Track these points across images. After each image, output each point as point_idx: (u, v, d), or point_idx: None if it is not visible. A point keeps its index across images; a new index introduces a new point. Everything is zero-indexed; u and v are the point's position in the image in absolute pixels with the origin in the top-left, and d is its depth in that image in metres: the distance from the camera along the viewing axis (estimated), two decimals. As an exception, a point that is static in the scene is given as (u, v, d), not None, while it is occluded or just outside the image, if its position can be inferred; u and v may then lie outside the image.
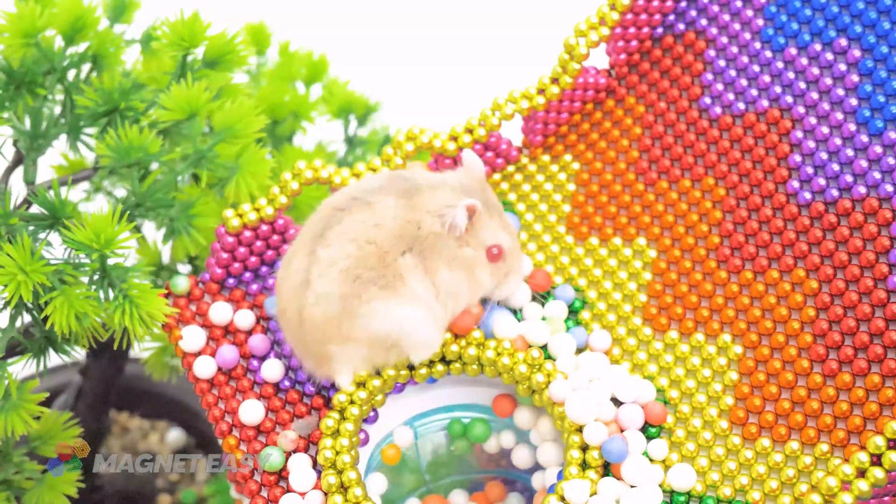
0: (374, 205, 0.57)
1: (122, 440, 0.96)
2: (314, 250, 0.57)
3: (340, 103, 0.86)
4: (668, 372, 0.59)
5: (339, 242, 0.56)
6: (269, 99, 0.82)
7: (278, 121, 0.83)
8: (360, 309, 0.56)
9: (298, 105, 0.84)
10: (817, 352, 0.56)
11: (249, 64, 0.71)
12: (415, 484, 0.64)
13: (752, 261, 0.60)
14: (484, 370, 0.59)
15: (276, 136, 0.83)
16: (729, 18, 0.65)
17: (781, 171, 0.61)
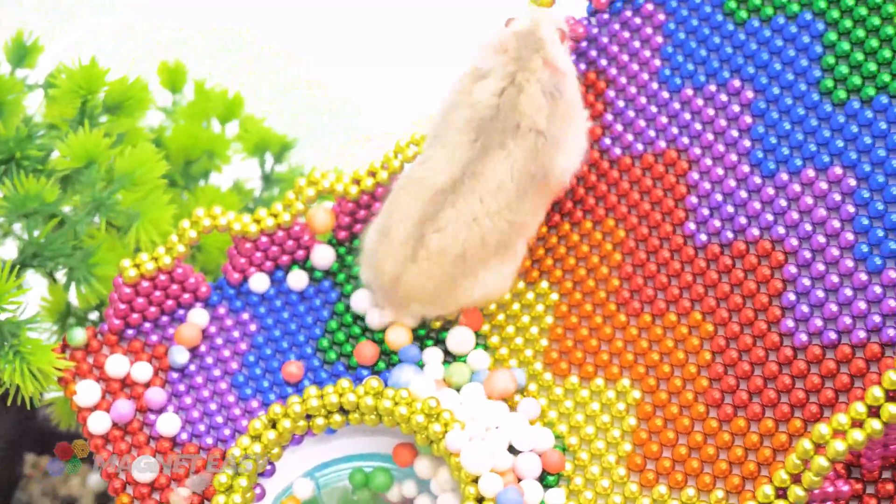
0: (480, 175, 0.60)
1: (43, 484, 0.94)
2: (423, 234, 0.59)
3: (256, 141, 0.86)
4: (567, 418, 0.59)
5: (453, 229, 0.59)
6: (183, 138, 0.82)
7: (192, 160, 0.82)
8: (465, 282, 0.60)
9: (213, 143, 0.83)
10: (713, 396, 0.56)
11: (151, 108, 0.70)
12: (320, 533, 0.63)
13: (650, 304, 0.60)
14: (382, 420, 0.58)
15: (190, 176, 0.83)
16: (628, 59, 0.65)
17: (679, 212, 0.61)
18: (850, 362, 0.53)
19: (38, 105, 0.74)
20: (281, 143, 0.86)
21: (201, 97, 0.86)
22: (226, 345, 0.63)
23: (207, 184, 0.83)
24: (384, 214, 0.61)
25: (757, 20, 0.62)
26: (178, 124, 0.84)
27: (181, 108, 0.85)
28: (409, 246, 0.60)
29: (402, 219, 0.60)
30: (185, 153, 0.82)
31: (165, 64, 0.86)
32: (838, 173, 0.56)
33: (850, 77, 0.57)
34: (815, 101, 0.58)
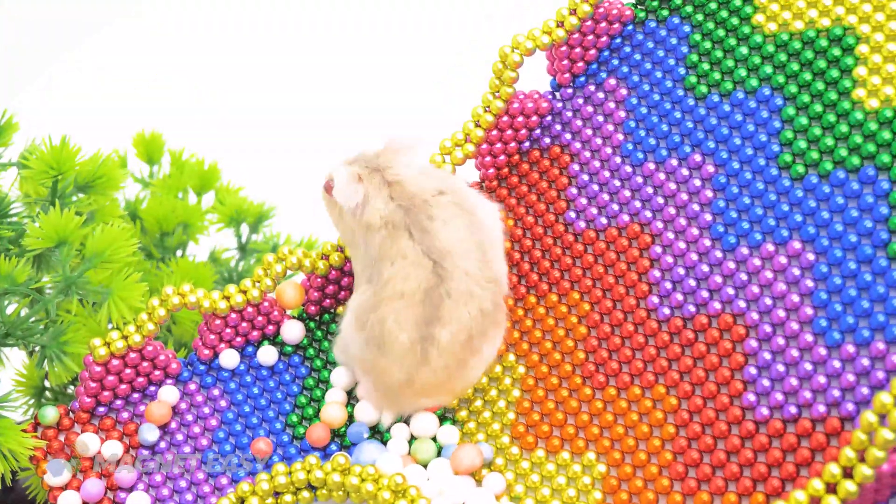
0: (446, 251, 0.60)
1: (25, 553, 0.94)
2: (431, 334, 0.59)
3: (232, 212, 0.86)
4: (534, 492, 0.59)
5: (457, 316, 0.59)
6: (158, 211, 0.83)
7: (167, 232, 0.83)
8: (473, 362, 0.61)
9: (189, 215, 0.84)
10: (677, 470, 0.57)
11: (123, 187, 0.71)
12: None
13: (615, 377, 0.61)
14: (350, 496, 0.59)
15: (166, 248, 0.83)
16: (591, 133, 0.66)
17: (642, 286, 0.61)
18: (810, 436, 0.53)
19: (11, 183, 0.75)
20: (257, 213, 0.87)
21: (177, 169, 0.87)
22: (196, 421, 0.64)
23: (183, 255, 0.84)
24: (369, 328, 0.60)
25: (717, 95, 0.63)
26: (154, 196, 0.85)
27: (157, 180, 0.86)
28: (416, 350, 0.59)
29: (401, 329, 0.59)
30: (161, 225, 0.83)
31: (142, 135, 0.87)
32: (797, 248, 0.57)
33: (808, 152, 0.58)
34: (773, 175, 0.59)
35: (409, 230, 0.59)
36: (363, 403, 0.63)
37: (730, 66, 0.63)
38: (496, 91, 0.66)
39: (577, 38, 0.67)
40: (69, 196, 0.69)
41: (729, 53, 0.63)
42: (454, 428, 0.62)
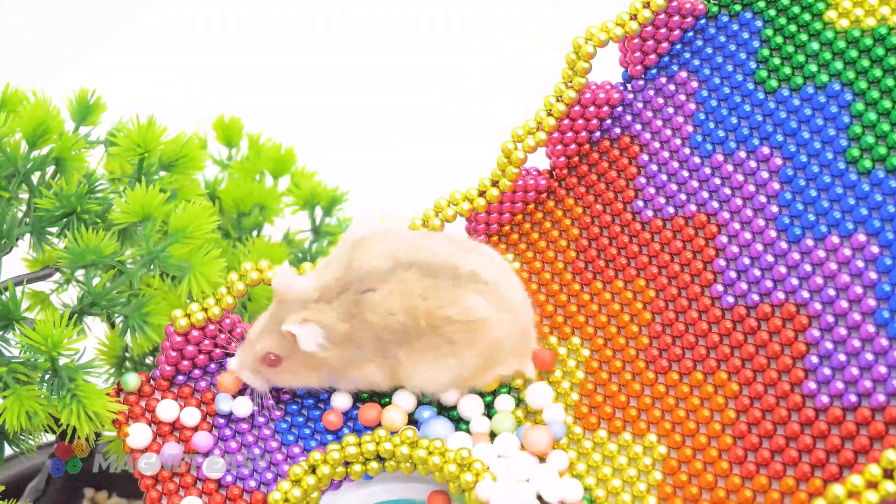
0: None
1: (98, 519, 0.98)
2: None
3: (306, 195, 0.89)
4: (595, 471, 0.61)
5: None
6: (236, 192, 0.85)
7: (244, 213, 0.86)
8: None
9: (265, 197, 0.87)
10: (736, 453, 0.58)
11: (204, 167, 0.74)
12: (357, 577, 0.66)
13: (678, 362, 0.62)
14: (417, 468, 0.61)
15: (242, 228, 0.86)
16: (661, 124, 0.68)
17: (707, 274, 0.63)
18: (869, 425, 0.54)
19: (99, 160, 0.78)
20: (331, 197, 0.90)
21: (254, 152, 0.89)
22: (270, 392, 0.66)
23: (259, 236, 0.87)
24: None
25: (787, 89, 0.64)
26: (232, 178, 0.87)
27: (235, 162, 0.89)
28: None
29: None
30: (238, 206, 0.85)
31: (221, 119, 0.90)
32: (861, 240, 0.58)
33: (876, 147, 0.59)
34: (840, 169, 0.60)
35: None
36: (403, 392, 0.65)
37: (800, 62, 0.64)
38: (569, 81, 0.68)
39: (649, 30, 0.68)
40: (153, 174, 0.72)
41: (800, 49, 0.64)
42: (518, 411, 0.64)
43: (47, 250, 0.74)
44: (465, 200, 0.69)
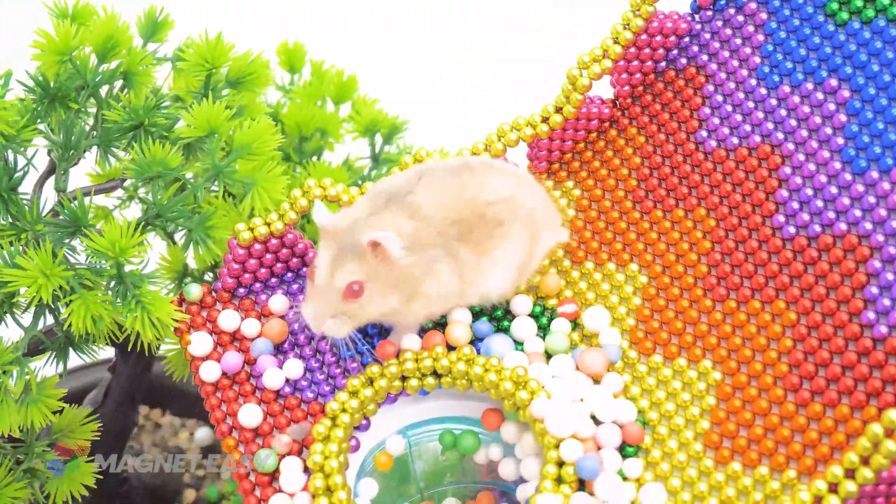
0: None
1: (153, 436, 1.00)
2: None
3: (367, 122, 0.89)
4: (649, 394, 0.61)
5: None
6: (298, 116, 0.86)
7: (306, 137, 0.87)
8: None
9: (326, 122, 0.87)
10: (791, 381, 0.58)
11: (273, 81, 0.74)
12: (409, 491, 0.67)
13: (736, 291, 0.62)
14: (473, 385, 0.62)
15: (304, 153, 0.87)
16: (728, 55, 0.67)
17: (769, 205, 0.63)
18: (926, 355, 0.54)
19: (165, 78, 0.79)
20: (391, 125, 0.90)
21: (317, 78, 0.90)
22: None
23: (320, 160, 0.88)
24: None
25: (858, 21, 0.63)
26: (294, 103, 0.88)
27: (297, 87, 0.90)
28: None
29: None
30: (300, 130, 0.86)
31: (285, 44, 0.91)
32: (927, 173, 0.58)
33: (946, 81, 0.59)
34: (909, 102, 0.60)
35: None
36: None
37: (872, -6, 0.63)
38: (637, 9, 0.68)
39: (720, -40, 0.68)
40: (220, 90, 0.72)
41: (872, -19, 0.64)
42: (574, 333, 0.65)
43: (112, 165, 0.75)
44: (528, 126, 0.69)
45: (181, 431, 1.00)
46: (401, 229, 0.60)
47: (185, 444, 0.99)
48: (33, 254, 0.61)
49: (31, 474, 0.71)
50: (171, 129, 0.71)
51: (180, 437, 1.00)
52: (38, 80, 0.70)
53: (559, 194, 0.70)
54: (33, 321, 0.65)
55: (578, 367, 0.62)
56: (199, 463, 0.98)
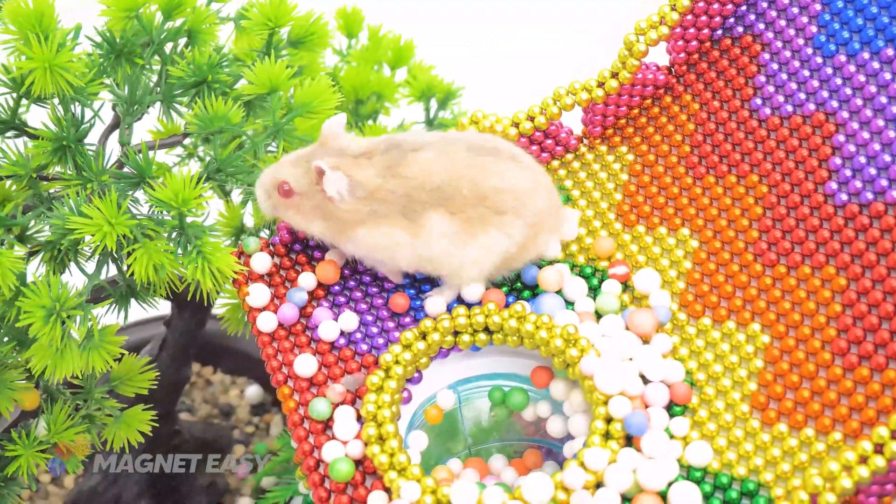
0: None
1: (204, 392, 1.02)
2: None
3: (423, 87, 0.91)
4: (697, 356, 0.62)
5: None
6: (355, 79, 0.87)
7: (362, 100, 0.88)
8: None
9: (382, 87, 0.89)
10: (839, 346, 0.59)
11: (331, 45, 0.76)
12: (457, 446, 0.68)
13: (786, 256, 0.63)
14: (523, 342, 0.63)
15: (360, 115, 0.88)
16: (785, 24, 0.68)
17: (822, 172, 0.63)
18: (976, 322, 0.55)
19: (228, 37, 0.80)
20: (446, 90, 0.91)
21: (374, 43, 0.91)
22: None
23: (375, 123, 0.89)
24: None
25: (915, -7, 0.64)
26: (351, 66, 0.89)
27: (355, 51, 0.91)
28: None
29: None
30: (356, 93, 0.87)
31: (343, 9, 0.92)
32: (982, 143, 0.58)
33: None
34: (965, 73, 0.60)
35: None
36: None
37: (932, -35, 0.63)
38: (694, -23, 0.68)
39: (779, -70, 0.68)
40: (281, 49, 0.74)
41: (932, -48, 0.64)
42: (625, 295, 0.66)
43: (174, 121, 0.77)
44: (584, 90, 0.70)
45: (231, 389, 1.02)
46: (366, 178, 0.63)
47: (235, 402, 1.01)
48: (99, 203, 0.63)
49: (90, 420, 0.73)
50: (233, 87, 0.73)
51: (230, 395, 1.02)
52: (106, 36, 0.72)
53: (612, 159, 0.71)
54: (97, 269, 0.67)
55: (628, 327, 0.63)
56: (248, 420, 1.00)
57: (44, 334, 0.62)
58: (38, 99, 0.69)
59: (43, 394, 0.71)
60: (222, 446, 0.96)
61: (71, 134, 0.68)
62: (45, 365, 0.63)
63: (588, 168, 0.71)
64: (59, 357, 0.63)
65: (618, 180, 0.70)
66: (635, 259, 0.67)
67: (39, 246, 0.68)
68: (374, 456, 0.58)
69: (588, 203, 0.70)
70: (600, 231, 0.68)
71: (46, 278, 0.63)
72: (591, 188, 0.70)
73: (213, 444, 0.95)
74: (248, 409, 1.00)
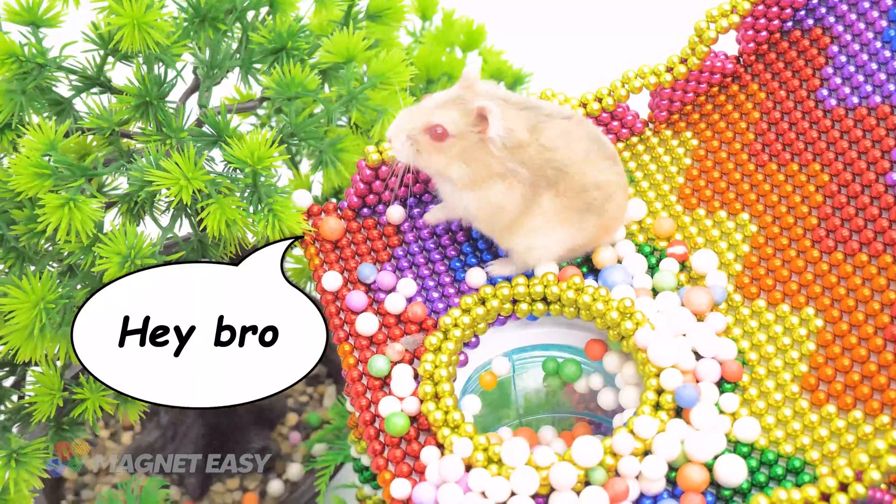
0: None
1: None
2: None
3: (492, 71, 0.92)
4: (750, 336, 0.63)
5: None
6: (427, 59, 0.89)
7: (433, 80, 0.90)
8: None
9: (453, 68, 0.90)
10: (892, 332, 0.60)
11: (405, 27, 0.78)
12: (508, 415, 0.70)
13: (844, 243, 0.64)
14: (580, 313, 0.64)
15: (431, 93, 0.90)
16: (855, 17, 0.69)
17: (884, 163, 0.64)
18: None
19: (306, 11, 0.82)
20: (515, 75, 0.93)
21: (447, 26, 0.93)
22: (447, 234, 0.70)
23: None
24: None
25: None
26: (424, 47, 0.91)
27: (428, 32, 0.93)
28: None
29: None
30: (428, 72, 0.89)
31: (419, -8, 0.94)
32: None
33: None
34: None
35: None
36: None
37: None
38: (767, -32, 0.70)
39: (854, -75, 0.69)
40: (359, 22, 0.76)
41: None
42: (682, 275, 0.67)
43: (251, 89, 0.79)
44: (653, 74, 0.71)
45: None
46: (518, 130, 0.63)
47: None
48: (177, 157, 0.65)
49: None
50: (310, 55, 0.75)
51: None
52: (191, 1, 0.74)
53: (677, 143, 0.72)
54: (171, 222, 0.70)
55: (684, 304, 0.64)
56: (302, 390, 1.02)
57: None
58: (123, 56, 0.72)
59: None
60: (277, 414, 0.98)
61: (154, 91, 0.70)
62: (117, 311, 0.65)
63: (652, 151, 0.72)
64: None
65: (681, 164, 0.71)
66: (694, 241, 0.68)
67: (117, 198, 0.70)
68: (429, 413, 0.60)
69: (650, 185, 0.71)
70: (661, 212, 0.69)
71: (123, 227, 0.65)
72: (655, 171, 0.71)
73: (267, 411, 0.97)
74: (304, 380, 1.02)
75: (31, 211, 0.67)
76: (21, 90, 0.69)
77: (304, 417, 0.99)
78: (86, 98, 0.72)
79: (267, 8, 0.77)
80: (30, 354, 0.67)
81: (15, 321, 0.65)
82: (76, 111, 0.72)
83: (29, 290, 0.65)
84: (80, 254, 0.67)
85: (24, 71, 0.69)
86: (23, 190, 0.65)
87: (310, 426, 0.97)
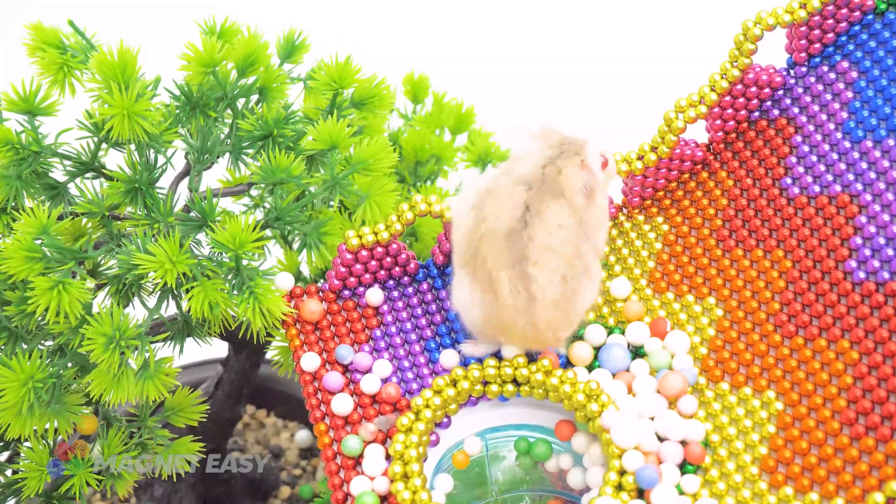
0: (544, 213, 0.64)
1: (257, 434, 1.06)
2: (525, 273, 0.63)
3: (480, 152, 0.95)
4: (713, 418, 0.65)
5: (546, 260, 0.64)
6: (416, 142, 0.92)
7: (422, 162, 0.93)
8: (578, 294, 0.65)
9: (442, 150, 0.93)
10: (848, 416, 0.61)
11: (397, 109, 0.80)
12: (485, 492, 0.72)
13: (804, 328, 0.66)
14: (548, 395, 0.66)
15: (418, 176, 0.93)
16: (818, 109, 0.71)
17: (843, 250, 0.66)
18: (978, 400, 0.57)
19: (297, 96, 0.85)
20: (503, 157, 0.96)
21: (438, 108, 0.96)
22: (424, 315, 0.72)
23: (433, 184, 0.94)
24: (473, 285, 0.66)
25: (943, 86, 0.67)
26: (413, 130, 0.94)
27: (418, 116, 0.96)
28: (520, 294, 0.64)
29: (496, 271, 0.64)
30: (417, 154, 0.92)
31: (411, 76, 0.97)
32: None
33: None
34: (984, 163, 0.63)
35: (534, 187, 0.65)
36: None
37: (959, 60, 0.67)
38: (734, 61, 0.72)
39: (817, 20, 0.72)
40: (345, 110, 0.79)
41: (960, 48, 0.67)
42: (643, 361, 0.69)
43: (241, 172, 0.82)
44: (624, 162, 0.74)
45: (283, 432, 1.07)
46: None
47: (285, 444, 1.05)
48: (163, 242, 0.68)
49: (143, 448, 0.77)
50: (297, 142, 0.78)
51: (281, 437, 1.06)
52: (183, 89, 0.77)
53: (648, 228, 0.74)
54: (157, 304, 0.72)
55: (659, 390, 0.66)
56: (296, 462, 1.04)
57: (103, 360, 0.67)
58: (116, 144, 0.75)
59: (101, 420, 0.76)
60: (270, 486, 1.00)
61: (144, 177, 0.73)
62: (102, 390, 0.68)
63: (626, 236, 0.75)
64: (116, 383, 0.68)
65: (652, 248, 0.74)
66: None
67: (107, 280, 0.73)
68: (397, 492, 0.62)
69: (622, 269, 0.73)
70: (631, 296, 0.72)
71: (110, 309, 0.68)
72: (627, 255, 0.74)
73: (261, 483, 0.99)
74: (297, 453, 1.04)
75: (23, 292, 0.70)
76: (17, 175, 0.72)
77: (296, 490, 1.01)
78: (80, 182, 0.75)
79: (257, 96, 0.80)
80: (19, 431, 0.69)
81: (4, 399, 0.67)
82: (71, 195, 0.75)
83: (18, 370, 0.67)
84: (68, 334, 0.70)
85: (20, 157, 0.72)
86: (14, 273, 0.68)
87: (302, 499, 0.98)
